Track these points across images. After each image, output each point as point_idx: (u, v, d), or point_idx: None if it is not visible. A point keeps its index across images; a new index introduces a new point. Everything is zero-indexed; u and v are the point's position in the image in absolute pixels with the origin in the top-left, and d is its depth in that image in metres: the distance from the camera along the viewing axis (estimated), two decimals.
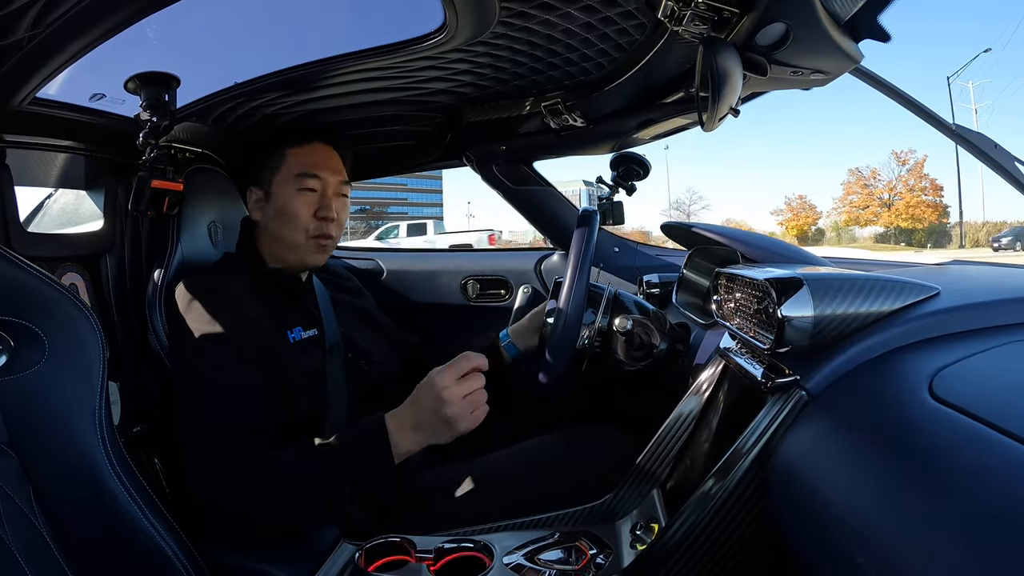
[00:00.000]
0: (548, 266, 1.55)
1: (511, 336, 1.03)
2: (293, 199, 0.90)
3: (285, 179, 0.91)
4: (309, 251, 0.92)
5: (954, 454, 0.37)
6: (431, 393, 0.73)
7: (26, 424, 0.56)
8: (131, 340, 0.96)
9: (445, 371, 0.74)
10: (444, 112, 1.15)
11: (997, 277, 0.72)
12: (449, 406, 0.72)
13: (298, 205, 0.90)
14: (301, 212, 0.90)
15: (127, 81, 0.79)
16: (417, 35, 0.78)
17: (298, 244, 0.91)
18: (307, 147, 0.93)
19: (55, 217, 1.03)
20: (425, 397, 0.74)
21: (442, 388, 0.72)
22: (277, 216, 0.91)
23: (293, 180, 0.90)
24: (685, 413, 0.81)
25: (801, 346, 0.56)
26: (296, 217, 0.90)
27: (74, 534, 0.57)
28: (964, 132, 0.88)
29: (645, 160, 1.31)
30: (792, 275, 0.58)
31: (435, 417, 0.73)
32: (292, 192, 0.90)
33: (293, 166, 0.91)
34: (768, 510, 0.55)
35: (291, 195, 0.90)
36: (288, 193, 0.90)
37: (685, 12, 0.65)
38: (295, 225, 0.90)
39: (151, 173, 0.87)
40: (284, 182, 0.91)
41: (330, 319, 0.96)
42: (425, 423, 0.74)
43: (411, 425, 0.74)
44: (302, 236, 0.91)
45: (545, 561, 0.70)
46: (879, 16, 0.68)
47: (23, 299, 0.58)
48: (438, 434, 0.74)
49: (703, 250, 1.21)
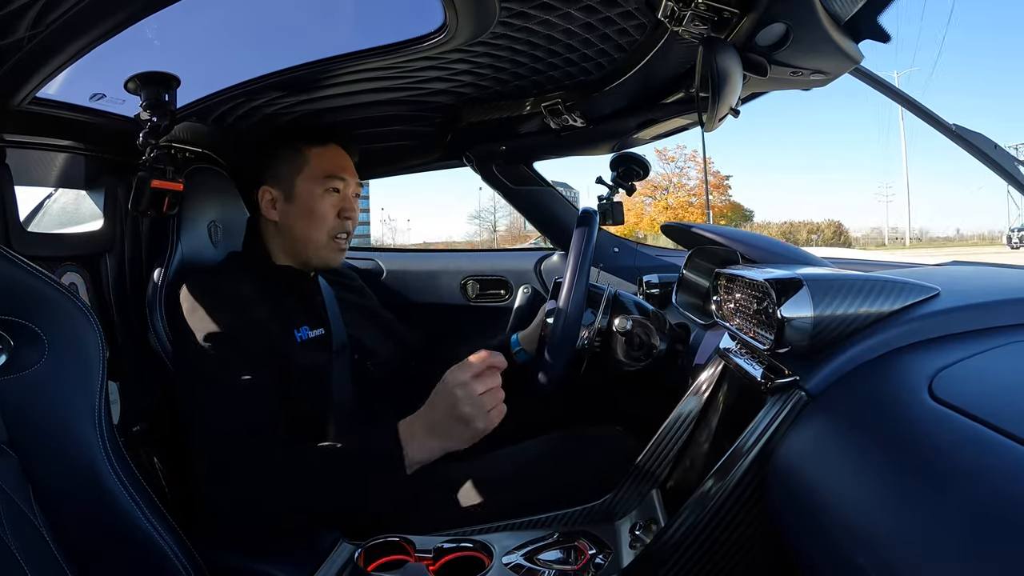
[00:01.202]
0: (548, 266, 1.55)
1: (522, 343, 1.03)
2: (321, 200, 0.92)
3: (311, 179, 0.92)
4: (330, 250, 0.94)
5: (954, 455, 0.37)
6: (445, 392, 0.72)
7: (26, 423, 0.56)
8: (131, 340, 0.96)
9: (460, 368, 0.72)
10: (444, 112, 1.15)
11: (997, 278, 0.72)
12: (464, 404, 0.71)
13: (326, 205, 0.92)
14: (328, 212, 0.92)
15: (127, 81, 0.79)
16: (417, 35, 0.78)
17: (321, 244, 0.93)
18: (326, 149, 0.95)
19: (55, 217, 1.03)
20: (440, 397, 0.73)
21: (456, 385, 0.71)
22: (304, 216, 0.92)
23: (321, 181, 0.92)
24: (685, 413, 0.80)
25: (801, 346, 0.56)
26: (324, 217, 0.92)
27: (73, 533, 0.57)
28: (963, 132, 0.88)
29: (645, 160, 1.32)
30: (792, 275, 0.58)
31: (450, 417, 0.72)
32: (320, 192, 0.92)
33: (318, 167, 0.93)
34: (768, 510, 0.54)
35: (319, 195, 0.92)
36: (316, 193, 0.92)
37: (685, 12, 0.65)
38: (322, 225, 0.92)
39: (151, 173, 0.87)
40: (310, 182, 0.92)
41: (336, 319, 0.97)
42: (440, 425, 0.73)
43: (425, 430, 0.73)
44: (325, 236, 0.93)
45: (544, 561, 0.70)
46: (879, 16, 0.68)
47: (23, 299, 0.58)
48: (454, 437, 0.73)
49: (703, 250, 1.21)
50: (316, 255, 0.94)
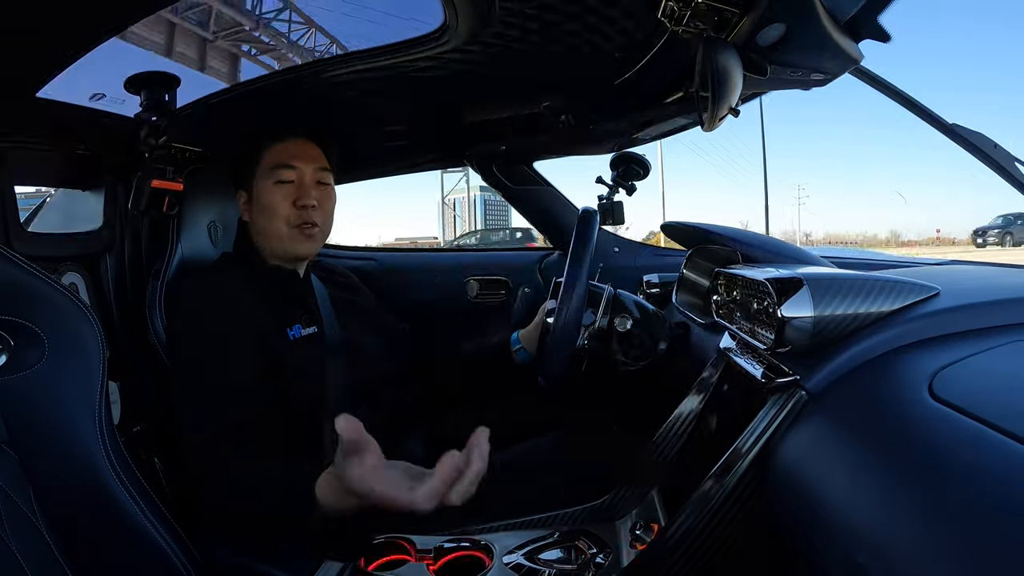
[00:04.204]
0: (548, 266, 1.55)
1: (522, 342, 1.03)
2: (270, 192, 0.92)
3: (263, 175, 0.93)
4: (294, 240, 0.92)
5: (954, 454, 0.37)
6: None
7: (26, 423, 0.56)
8: (131, 340, 0.96)
9: None
10: (444, 112, 1.15)
11: (997, 277, 0.72)
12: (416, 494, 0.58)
13: (276, 197, 0.92)
14: (279, 203, 0.91)
15: (127, 81, 0.79)
16: (417, 35, 0.78)
17: (281, 235, 0.92)
18: (283, 143, 0.94)
19: (55, 217, 1.03)
20: None
21: None
22: (261, 212, 0.92)
23: (269, 174, 0.92)
24: (685, 413, 0.80)
25: (801, 346, 0.56)
26: (275, 208, 0.91)
27: (73, 533, 0.57)
28: (963, 132, 0.88)
29: (645, 160, 1.32)
30: (792, 275, 0.58)
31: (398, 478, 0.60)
32: (269, 185, 0.92)
33: (269, 161, 0.93)
34: (768, 510, 0.54)
35: (268, 188, 0.92)
36: (266, 187, 0.92)
37: (685, 12, 0.65)
38: (276, 216, 0.91)
39: (151, 173, 0.87)
40: (261, 177, 0.93)
41: (329, 317, 0.97)
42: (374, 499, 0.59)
43: None
44: (284, 226, 0.92)
45: (545, 561, 0.70)
46: (879, 16, 0.68)
47: (23, 299, 0.58)
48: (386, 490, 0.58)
49: (703, 250, 1.21)
50: (283, 247, 0.93)
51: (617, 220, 1.39)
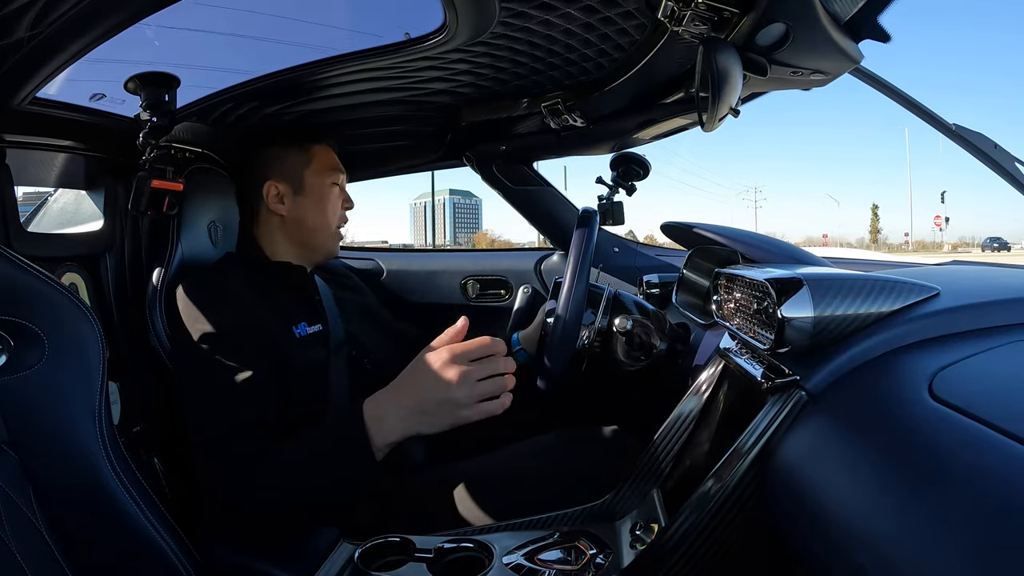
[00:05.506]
0: (548, 266, 1.55)
1: (522, 342, 1.03)
2: (330, 191, 0.99)
3: (318, 173, 0.98)
4: (335, 239, 1.01)
5: (954, 454, 0.37)
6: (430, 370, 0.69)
7: (26, 424, 0.56)
8: (131, 340, 0.96)
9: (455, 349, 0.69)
10: (444, 112, 1.15)
11: (997, 277, 0.72)
12: (458, 388, 0.68)
13: (333, 196, 0.99)
14: (336, 202, 1.00)
15: (127, 81, 0.79)
16: (417, 35, 0.78)
17: (330, 232, 0.99)
18: (325, 146, 1.01)
19: (55, 217, 1.03)
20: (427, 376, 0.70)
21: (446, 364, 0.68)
22: (315, 206, 0.97)
23: (328, 174, 0.98)
24: (685, 413, 0.80)
25: (801, 346, 0.56)
26: (333, 207, 0.99)
27: (73, 533, 0.57)
28: (963, 132, 0.88)
29: (645, 160, 1.32)
30: (792, 275, 0.58)
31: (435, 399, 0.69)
32: (328, 184, 0.98)
33: (323, 162, 0.99)
34: (768, 510, 0.54)
35: (327, 187, 0.98)
36: (325, 185, 0.98)
37: (685, 12, 0.65)
38: (331, 215, 0.99)
39: (151, 173, 0.87)
40: (318, 175, 0.98)
41: (334, 315, 0.97)
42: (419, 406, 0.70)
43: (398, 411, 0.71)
44: (333, 224, 0.99)
45: (545, 561, 0.70)
46: (879, 16, 0.68)
47: (23, 299, 0.58)
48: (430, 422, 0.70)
49: (703, 250, 1.21)
50: (324, 244, 0.99)
51: (617, 220, 1.39)
